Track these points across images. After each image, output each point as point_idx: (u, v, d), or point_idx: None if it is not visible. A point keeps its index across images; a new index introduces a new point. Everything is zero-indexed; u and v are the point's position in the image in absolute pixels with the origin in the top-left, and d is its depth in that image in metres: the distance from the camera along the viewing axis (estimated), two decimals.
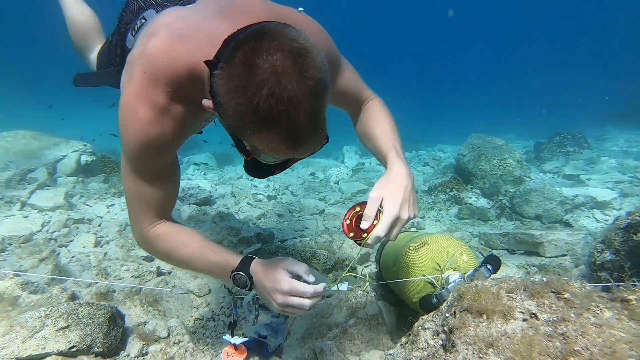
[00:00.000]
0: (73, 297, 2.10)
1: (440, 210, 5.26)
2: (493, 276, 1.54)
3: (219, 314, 2.20)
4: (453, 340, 1.14)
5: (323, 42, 1.45)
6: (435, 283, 1.60)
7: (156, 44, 1.18)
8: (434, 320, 1.32)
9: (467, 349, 1.08)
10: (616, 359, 0.87)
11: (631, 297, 1.06)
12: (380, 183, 1.35)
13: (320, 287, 1.34)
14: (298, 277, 1.36)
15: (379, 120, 1.61)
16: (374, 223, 1.28)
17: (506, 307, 1.12)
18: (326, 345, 1.79)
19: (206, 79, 1.05)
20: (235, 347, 1.78)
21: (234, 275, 1.36)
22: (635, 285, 1.08)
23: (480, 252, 3.60)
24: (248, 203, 4.89)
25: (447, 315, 1.24)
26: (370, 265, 2.99)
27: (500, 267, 1.52)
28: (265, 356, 1.84)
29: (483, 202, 5.07)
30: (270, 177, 6.17)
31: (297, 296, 1.30)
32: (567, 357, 0.92)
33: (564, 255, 3.20)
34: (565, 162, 7.23)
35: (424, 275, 1.65)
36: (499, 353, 1.01)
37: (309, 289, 1.31)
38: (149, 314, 2.02)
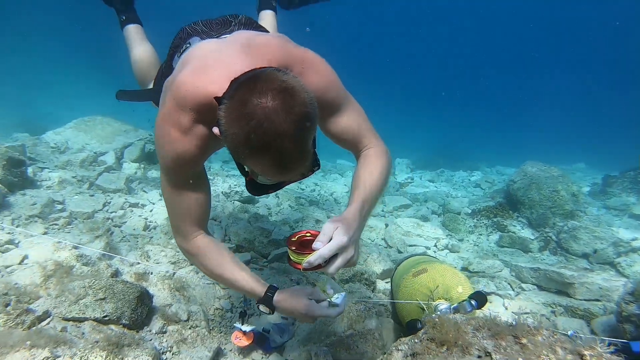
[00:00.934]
0: (116, 274, 2.43)
1: (480, 235, 5.18)
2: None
3: (237, 307, 2.42)
4: None
5: (326, 75, 1.56)
6: (425, 309, 1.70)
7: (184, 75, 1.39)
8: (407, 343, 1.43)
9: None
10: None
11: (586, 352, 1.11)
12: (336, 218, 1.38)
13: (334, 311, 1.57)
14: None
15: (365, 173, 1.63)
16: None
17: (466, 343, 1.21)
18: (322, 351, 1.95)
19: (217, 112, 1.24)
20: (244, 333, 1.98)
21: (259, 306, 1.62)
22: (602, 341, 1.13)
23: (509, 284, 3.55)
24: (290, 205, 5.11)
25: (416, 340, 1.35)
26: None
27: (486, 304, 1.59)
28: (267, 350, 2.03)
29: (527, 233, 4.93)
30: (317, 183, 6.31)
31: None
32: None
33: (597, 300, 3.09)
34: (636, 201, 6.74)
35: (417, 300, 1.75)
36: None
37: (325, 312, 1.56)
38: (174, 298, 2.28)
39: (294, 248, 1.33)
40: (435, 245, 4.53)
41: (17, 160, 3.47)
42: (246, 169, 1.31)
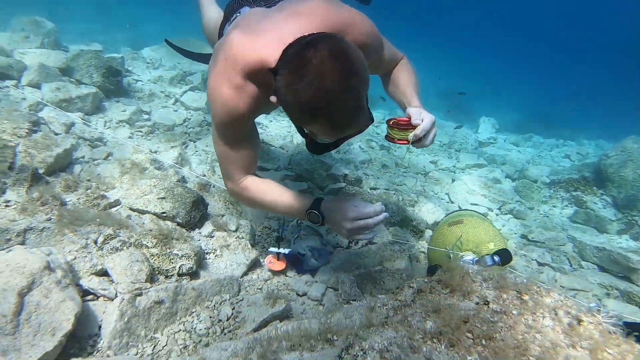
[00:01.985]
0: (182, 180, 2.69)
1: (554, 206, 4.86)
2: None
3: (284, 229, 2.59)
4: (414, 299, 1.30)
5: (369, 31, 1.65)
6: (450, 257, 1.71)
7: (233, 37, 1.48)
8: (419, 281, 1.47)
9: (419, 309, 1.24)
10: (518, 353, 0.96)
11: (585, 318, 1.08)
12: (414, 107, 1.62)
13: (378, 206, 1.57)
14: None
15: (404, 76, 1.88)
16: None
17: (469, 289, 1.23)
18: (349, 279, 2.06)
19: (271, 63, 1.33)
20: (278, 257, 2.15)
21: (309, 213, 1.64)
22: (599, 310, 1.09)
23: (568, 259, 3.36)
24: (360, 147, 5.14)
25: (426, 280, 1.38)
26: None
27: (510, 262, 1.56)
28: (300, 271, 2.19)
29: (608, 212, 4.52)
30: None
31: (362, 219, 1.55)
32: (485, 339, 1.04)
33: None
34: None
35: (446, 249, 1.76)
36: (437, 318, 1.15)
37: (370, 208, 1.56)
38: (228, 210, 2.49)
39: (396, 129, 1.55)
40: (499, 209, 4.35)
41: (115, 70, 3.84)
42: (306, 131, 1.40)
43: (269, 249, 2.16)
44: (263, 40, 1.42)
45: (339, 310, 1.60)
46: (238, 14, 1.88)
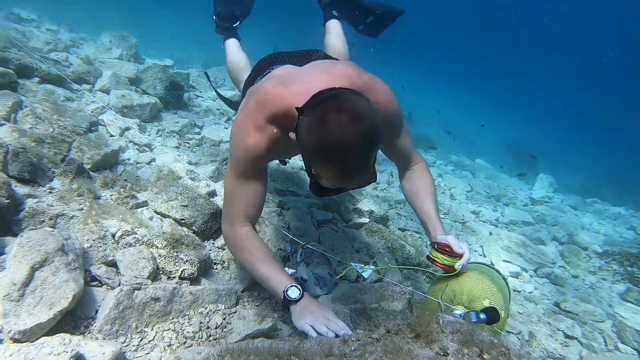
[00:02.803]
0: (212, 194, 2.87)
1: (603, 279, 4.53)
2: None
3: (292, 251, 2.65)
4: (380, 338, 1.32)
5: (390, 107, 1.78)
6: (442, 309, 1.70)
7: (267, 85, 1.67)
8: (390, 323, 1.49)
9: (380, 348, 1.26)
10: None
11: None
12: (450, 236, 1.81)
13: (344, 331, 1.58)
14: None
15: (427, 190, 2.03)
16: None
17: (433, 338, 1.24)
18: (344, 312, 2.08)
19: (295, 119, 1.45)
20: None
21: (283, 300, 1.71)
22: None
23: (604, 338, 3.13)
24: (399, 186, 5.14)
25: (399, 322, 1.40)
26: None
27: (498, 323, 1.54)
28: None
29: None
30: (443, 176, 6.19)
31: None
32: None
33: None
34: None
35: (440, 299, 1.75)
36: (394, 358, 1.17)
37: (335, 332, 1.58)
38: None
39: (445, 254, 1.78)
40: (535, 271, 4.14)
41: (178, 84, 4.21)
42: (312, 172, 1.49)
43: None
44: (292, 90, 1.58)
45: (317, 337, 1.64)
46: (270, 70, 2.04)
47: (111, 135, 3.03)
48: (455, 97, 17.46)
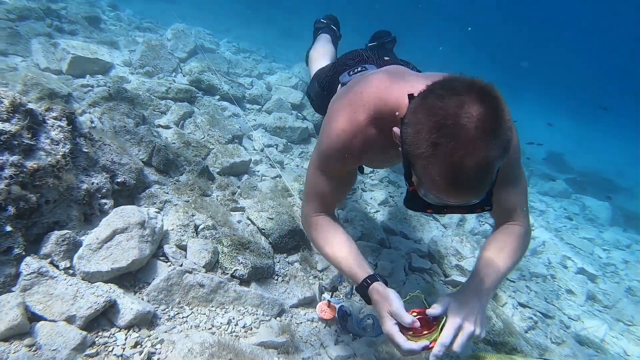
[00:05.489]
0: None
1: None
2: None
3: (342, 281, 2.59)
4: None
5: (515, 143, 1.50)
6: None
7: (378, 77, 1.53)
8: None
9: None
10: None
11: None
12: (457, 293, 1.46)
13: (417, 346, 1.33)
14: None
15: (499, 252, 1.60)
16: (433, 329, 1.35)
17: None
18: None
19: (399, 122, 1.21)
20: (329, 304, 2.26)
21: (359, 287, 1.57)
22: None
23: None
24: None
25: None
26: None
27: None
28: (343, 329, 2.22)
29: None
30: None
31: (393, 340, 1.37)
32: None
33: None
34: None
35: None
36: None
37: (403, 345, 1.33)
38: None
39: (410, 333, 1.36)
40: None
41: None
42: (413, 177, 1.20)
43: (323, 295, 2.30)
44: (401, 88, 1.38)
45: None
46: (364, 69, 2.05)
47: (246, 149, 3.56)
48: None
